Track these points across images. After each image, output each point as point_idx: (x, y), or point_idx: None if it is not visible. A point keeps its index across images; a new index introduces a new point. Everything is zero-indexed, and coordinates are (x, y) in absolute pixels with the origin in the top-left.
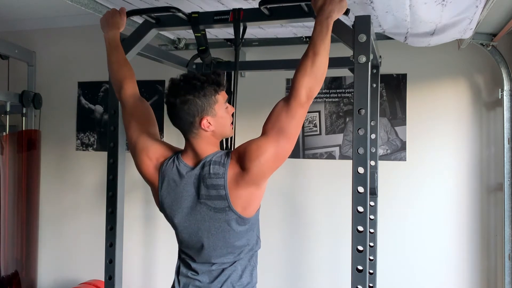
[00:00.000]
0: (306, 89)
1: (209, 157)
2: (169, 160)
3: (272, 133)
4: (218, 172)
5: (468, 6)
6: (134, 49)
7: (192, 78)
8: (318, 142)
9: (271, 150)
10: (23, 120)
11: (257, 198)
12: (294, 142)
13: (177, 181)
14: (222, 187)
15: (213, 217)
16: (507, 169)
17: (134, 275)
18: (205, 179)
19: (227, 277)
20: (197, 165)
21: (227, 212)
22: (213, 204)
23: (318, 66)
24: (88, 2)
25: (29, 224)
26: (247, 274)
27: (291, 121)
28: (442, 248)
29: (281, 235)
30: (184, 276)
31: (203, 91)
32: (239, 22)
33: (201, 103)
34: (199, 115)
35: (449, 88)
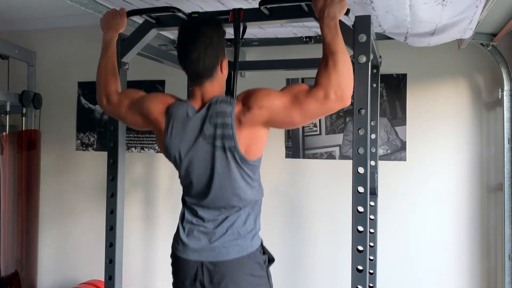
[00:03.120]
0: (336, 88)
1: (216, 98)
2: (175, 103)
3: (288, 95)
4: (226, 110)
5: (468, 6)
6: (134, 49)
7: (208, 18)
8: (318, 142)
9: (277, 104)
10: (23, 120)
11: (258, 142)
12: (304, 120)
13: (184, 122)
14: (229, 126)
15: (219, 156)
16: (507, 169)
17: (134, 275)
18: (212, 118)
19: (232, 223)
20: (203, 107)
21: (233, 152)
22: (220, 144)
23: (342, 63)
24: (88, 2)
25: (29, 224)
26: (251, 221)
27: (311, 102)
28: (442, 248)
29: (281, 235)
30: (189, 223)
31: (222, 29)
32: (239, 22)
33: (222, 45)
34: (220, 57)
35: (449, 88)
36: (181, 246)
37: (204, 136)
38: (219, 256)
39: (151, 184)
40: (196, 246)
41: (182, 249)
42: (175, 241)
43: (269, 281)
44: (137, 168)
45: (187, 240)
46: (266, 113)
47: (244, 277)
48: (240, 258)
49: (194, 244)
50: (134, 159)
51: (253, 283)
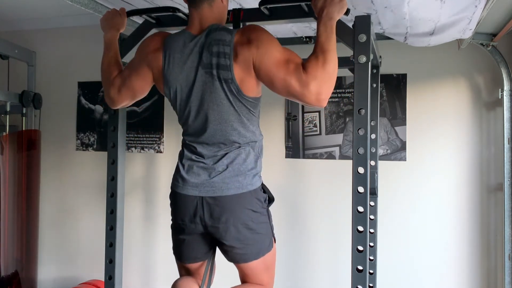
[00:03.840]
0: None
1: (216, 25)
2: (171, 35)
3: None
4: (225, 38)
5: (467, 6)
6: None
7: None
8: (318, 142)
9: (274, 54)
10: (23, 120)
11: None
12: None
13: (182, 51)
14: (227, 55)
15: (216, 87)
16: (507, 169)
17: (134, 275)
18: (210, 45)
19: (231, 160)
20: (202, 32)
21: (229, 84)
22: (218, 74)
23: (332, 63)
24: (88, 2)
25: (29, 224)
26: (251, 160)
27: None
28: (442, 248)
29: (281, 235)
30: (188, 159)
31: None
32: (239, 22)
33: None
34: None
35: (449, 88)
36: (180, 182)
37: (203, 64)
38: (218, 191)
39: (151, 184)
40: (196, 181)
41: (182, 185)
42: (174, 179)
43: (269, 219)
44: (137, 168)
45: (187, 175)
46: (260, 55)
47: (244, 211)
48: (240, 194)
49: (194, 179)
50: (134, 159)
51: (254, 217)
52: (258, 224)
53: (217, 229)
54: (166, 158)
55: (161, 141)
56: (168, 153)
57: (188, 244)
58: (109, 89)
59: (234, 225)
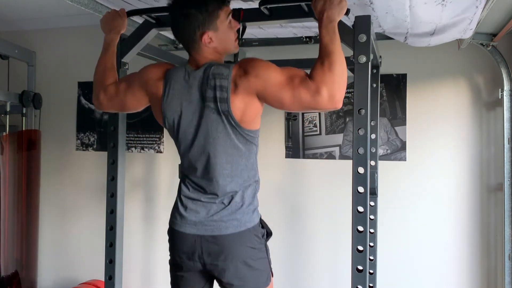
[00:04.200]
0: (328, 87)
1: (214, 62)
2: (173, 68)
3: (286, 74)
4: (223, 72)
5: (468, 6)
6: (134, 49)
7: None
8: (318, 142)
9: (273, 79)
10: (23, 120)
11: (252, 111)
12: (292, 105)
13: (182, 84)
14: (225, 89)
15: (214, 120)
16: (507, 169)
17: (134, 275)
18: (208, 79)
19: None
20: (201, 67)
21: (227, 116)
22: (215, 107)
23: (338, 64)
24: (88, 2)
25: (29, 224)
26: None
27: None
28: (442, 248)
29: (281, 235)
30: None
31: (205, 6)
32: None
33: (202, 18)
34: (200, 29)
35: (449, 88)
36: (178, 219)
37: (202, 97)
38: (217, 230)
39: (151, 184)
40: (194, 219)
41: (180, 222)
42: (172, 215)
43: (267, 254)
44: (137, 168)
45: (185, 213)
46: (261, 83)
47: (243, 249)
48: (239, 232)
49: (192, 217)
50: (134, 159)
51: (252, 255)
52: (257, 260)
53: (216, 267)
54: (166, 158)
55: (161, 141)
56: (168, 153)
57: (186, 281)
58: (100, 93)
59: (233, 263)
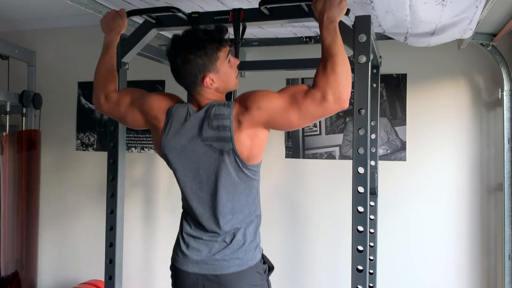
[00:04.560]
0: (333, 90)
1: (215, 102)
2: (176, 105)
3: (286, 96)
4: (224, 113)
5: (468, 6)
6: (134, 49)
7: (193, 36)
8: (318, 142)
9: (276, 105)
10: (23, 120)
11: (258, 143)
12: (301, 122)
13: (183, 123)
14: (227, 128)
15: (217, 158)
16: (507, 169)
17: (134, 275)
18: (210, 120)
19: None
20: (201, 109)
21: (231, 154)
22: (218, 146)
23: (341, 65)
24: (88, 2)
25: (29, 224)
26: (251, 233)
27: (309, 103)
28: (442, 248)
29: (281, 235)
30: (188, 234)
31: (204, 49)
32: (239, 22)
33: (202, 62)
34: (201, 73)
35: (449, 88)
36: (181, 257)
37: (202, 137)
38: (219, 269)
39: (151, 184)
40: (197, 257)
41: (182, 260)
42: (174, 252)
43: None
44: (137, 168)
45: (187, 251)
46: (264, 113)
47: (245, 287)
48: (241, 271)
49: (194, 255)
50: (134, 159)
51: None
52: None
53: None
54: None
55: None
56: None
57: None
58: (101, 96)
59: None
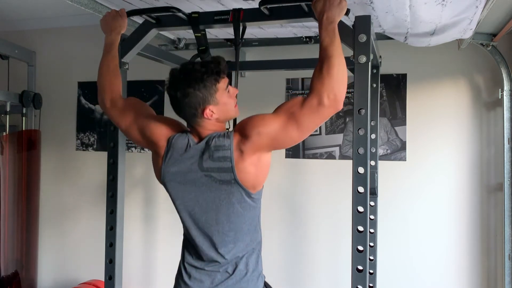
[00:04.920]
0: (328, 92)
1: (215, 133)
2: (176, 135)
3: (282, 114)
4: (224, 144)
5: (468, 6)
6: (134, 49)
7: (191, 70)
8: (318, 142)
9: (274, 127)
10: (23, 120)
11: (262, 168)
12: (302, 135)
13: (183, 154)
14: (228, 159)
15: (218, 188)
16: (507, 169)
17: (134, 275)
18: (210, 151)
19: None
20: (202, 140)
21: (232, 185)
22: (219, 177)
23: (336, 67)
24: (88, 2)
25: (29, 224)
26: (253, 262)
27: (306, 113)
28: (442, 248)
29: (281, 235)
30: (190, 264)
31: (203, 82)
32: (239, 22)
33: (202, 95)
34: (201, 106)
35: (449, 88)
36: None
37: (202, 168)
38: None
39: (151, 184)
40: None
41: None
42: (176, 282)
43: None
44: (137, 168)
45: (190, 282)
46: (265, 138)
47: None
48: None
49: (196, 286)
50: (134, 159)
51: None
52: None
53: None
54: None
55: None
56: None
57: None
58: (106, 99)
59: None
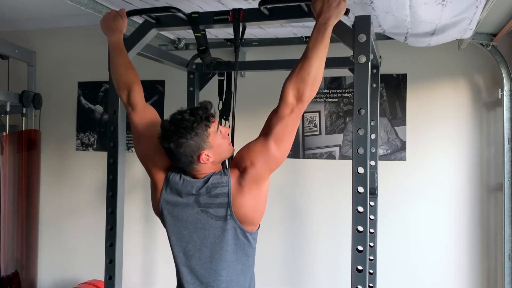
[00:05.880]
0: (294, 91)
1: (212, 173)
2: (174, 170)
3: (263, 136)
4: (222, 181)
5: (468, 6)
6: (134, 49)
7: (181, 120)
8: (318, 142)
9: (259, 150)
10: (23, 120)
11: (259, 204)
12: (286, 146)
13: (180, 191)
14: (225, 194)
15: (213, 225)
16: (507, 169)
17: (134, 275)
18: (208, 189)
19: None
20: (200, 178)
21: (228, 221)
22: (215, 212)
23: (307, 69)
24: (88, 2)
25: (29, 224)
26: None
27: (280, 123)
28: (442, 248)
29: (281, 235)
30: None
31: (194, 131)
32: (239, 22)
33: (195, 143)
34: (196, 153)
35: (449, 88)
36: None
37: (200, 204)
38: None
39: None
40: None
41: None
42: None
43: None
44: (137, 168)
45: None
46: (259, 165)
47: None
48: None
49: None
50: (134, 159)
51: None
52: None
53: None
54: None
55: None
56: None
57: None
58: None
59: None
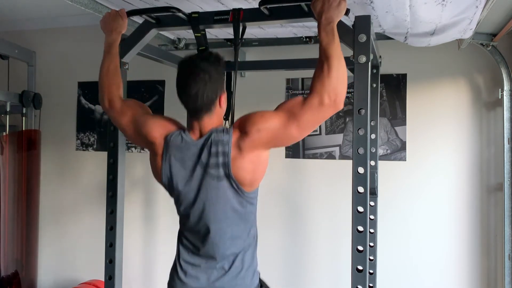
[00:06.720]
0: (329, 93)
1: (214, 129)
2: (174, 132)
3: (283, 112)
4: (223, 139)
5: (468, 6)
6: (134, 49)
7: (209, 55)
8: (318, 142)
9: (274, 124)
10: (23, 120)
11: (260, 166)
12: (302, 133)
13: (181, 152)
14: (226, 154)
15: (216, 185)
16: (507, 169)
17: (134, 275)
18: (209, 147)
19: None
20: (201, 137)
21: (228, 181)
22: (216, 173)
23: (336, 68)
24: (88, 2)
25: (29, 224)
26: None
27: (307, 112)
28: (442, 248)
29: (281, 235)
30: (185, 261)
31: (222, 66)
32: (239, 22)
33: (222, 80)
34: (219, 92)
35: (449, 88)
36: (178, 285)
37: (201, 164)
38: None
39: (151, 184)
40: (195, 285)
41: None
42: (171, 278)
43: None
44: (137, 168)
45: (185, 278)
46: (265, 135)
47: None
48: None
49: (193, 283)
50: (134, 159)
51: None
52: None
53: None
54: None
55: None
56: None
57: None
58: (105, 99)
59: None
